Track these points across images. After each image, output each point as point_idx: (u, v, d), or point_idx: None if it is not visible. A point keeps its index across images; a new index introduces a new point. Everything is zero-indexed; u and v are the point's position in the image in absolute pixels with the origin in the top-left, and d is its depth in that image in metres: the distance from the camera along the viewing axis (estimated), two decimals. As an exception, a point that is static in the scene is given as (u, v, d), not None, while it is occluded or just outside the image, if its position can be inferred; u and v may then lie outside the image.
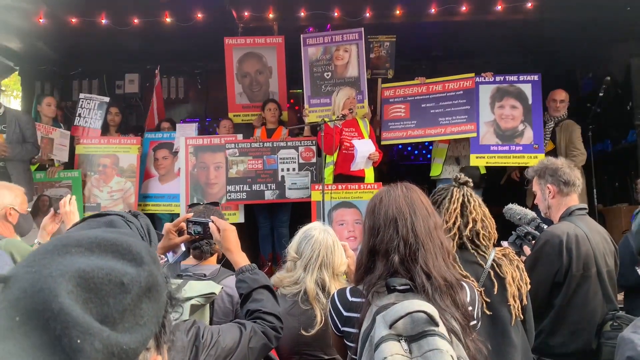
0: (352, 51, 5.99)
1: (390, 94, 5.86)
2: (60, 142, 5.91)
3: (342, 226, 5.01)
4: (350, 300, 1.63)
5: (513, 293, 1.97)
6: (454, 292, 1.51)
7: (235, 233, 1.96)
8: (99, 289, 0.62)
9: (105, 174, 5.98)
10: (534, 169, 2.84)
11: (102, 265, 0.64)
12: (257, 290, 1.80)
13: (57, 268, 0.62)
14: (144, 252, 0.70)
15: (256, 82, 6.34)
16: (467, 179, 2.15)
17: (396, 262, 1.52)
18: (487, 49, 7.11)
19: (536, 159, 5.30)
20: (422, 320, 1.29)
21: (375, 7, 6.05)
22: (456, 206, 2.06)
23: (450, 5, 5.89)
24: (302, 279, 2.26)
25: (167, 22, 6.13)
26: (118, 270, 0.65)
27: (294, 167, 5.59)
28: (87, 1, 5.53)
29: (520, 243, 2.62)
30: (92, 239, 0.68)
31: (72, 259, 0.64)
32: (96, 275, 0.63)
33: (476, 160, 5.47)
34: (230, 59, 6.25)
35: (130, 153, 6.02)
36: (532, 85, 5.53)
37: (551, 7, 5.94)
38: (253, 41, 6.30)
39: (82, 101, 6.25)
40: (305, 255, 2.28)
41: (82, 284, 0.61)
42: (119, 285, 0.64)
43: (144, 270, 0.68)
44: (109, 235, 0.70)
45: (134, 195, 5.95)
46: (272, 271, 5.66)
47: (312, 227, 2.38)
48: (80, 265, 0.63)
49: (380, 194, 1.67)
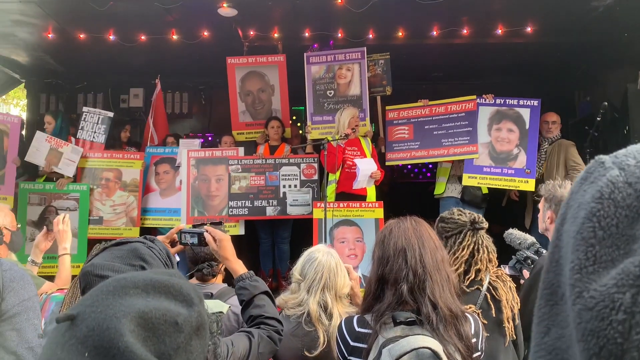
0: (354, 70, 6.09)
1: (394, 115, 5.97)
2: (70, 157, 5.95)
3: (343, 244, 5.06)
4: (357, 330, 1.66)
5: (508, 315, 2.04)
6: (459, 323, 1.56)
7: (230, 242, 2.00)
8: (157, 329, 0.69)
9: (108, 188, 6.04)
10: (545, 189, 2.86)
11: (158, 307, 0.71)
12: (258, 296, 1.85)
13: (120, 309, 0.68)
14: (193, 294, 0.76)
15: (259, 100, 6.41)
16: (484, 225, 2.16)
17: (405, 291, 1.57)
18: (487, 71, 7.24)
19: (527, 183, 5.43)
20: (426, 356, 1.35)
21: (378, 29, 6.17)
22: (465, 253, 2.09)
23: (451, 29, 6.01)
24: (305, 301, 2.28)
25: (174, 39, 6.23)
26: (172, 311, 0.71)
27: (296, 184, 5.66)
28: (96, 18, 5.62)
29: (520, 267, 2.69)
30: (147, 281, 0.75)
31: (131, 300, 0.71)
32: (154, 316, 0.69)
33: (468, 180, 5.57)
34: (232, 78, 6.33)
35: (133, 167, 6.09)
36: (530, 110, 5.64)
37: (550, 31, 6.06)
38: (255, 60, 6.36)
39: (85, 114, 6.31)
40: (309, 277, 2.31)
41: (142, 323, 0.68)
42: (173, 325, 0.70)
43: (194, 310, 0.74)
44: (162, 277, 0.77)
45: (136, 209, 6.00)
46: (273, 287, 5.70)
47: (316, 250, 2.41)
48: (140, 306, 0.70)
49: (390, 225, 1.73)
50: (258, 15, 5.88)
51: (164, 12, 5.57)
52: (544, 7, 5.49)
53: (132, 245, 1.36)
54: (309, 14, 5.83)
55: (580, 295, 0.44)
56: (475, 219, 2.16)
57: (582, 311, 0.43)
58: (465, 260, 2.09)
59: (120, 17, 5.69)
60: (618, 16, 5.49)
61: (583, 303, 0.43)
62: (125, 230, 5.96)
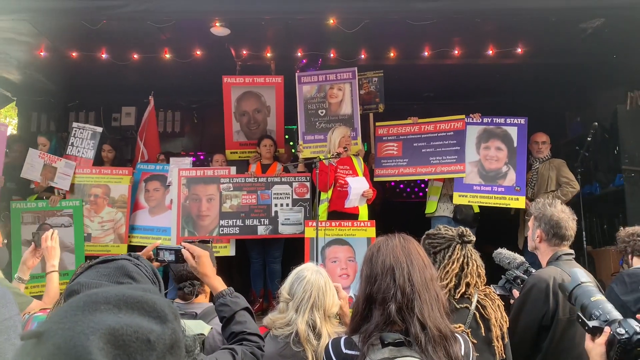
0: (345, 89, 6.12)
1: (383, 132, 6.00)
2: (64, 171, 5.91)
3: (334, 263, 5.02)
4: (344, 352, 1.61)
5: (497, 334, 2.01)
6: (448, 344, 1.52)
7: (209, 258, 1.98)
8: (128, 346, 0.65)
9: (96, 204, 5.98)
10: (535, 208, 2.85)
11: (130, 323, 0.67)
12: (239, 312, 1.84)
13: (89, 325, 0.65)
14: (167, 310, 0.73)
15: (254, 120, 6.37)
16: (471, 238, 2.15)
17: (393, 311, 1.53)
18: (478, 91, 7.29)
19: (517, 201, 5.45)
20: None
21: (370, 49, 6.22)
22: (455, 267, 2.08)
23: (443, 49, 6.07)
24: (293, 320, 2.24)
25: (166, 58, 6.25)
26: (145, 327, 0.68)
27: (288, 203, 5.63)
28: (88, 36, 5.62)
29: (510, 287, 2.67)
30: (119, 296, 0.72)
31: (101, 316, 0.68)
32: (125, 333, 0.66)
33: (458, 199, 5.58)
34: (228, 96, 6.25)
35: (121, 183, 6.03)
36: (518, 129, 5.68)
37: (540, 53, 6.13)
38: (252, 80, 6.28)
39: (75, 130, 6.26)
40: (297, 296, 2.26)
41: (112, 341, 0.65)
42: (145, 342, 0.67)
43: (168, 327, 0.71)
44: (135, 292, 0.74)
45: (124, 226, 5.94)
46: (264, 307, 5.64)
47: (305, 268, 2.37)
48: (110, 323, 0.66)
49: (378, 243, 1.70)
50: (251, 35, 5.92)
51: (157, 31, 5.59)
52: (534, 29, 5.56)
53: (119, 262, 1.33)
54: (301, 34, 5.87)
55: None
56: (463, 232, 2.15)
57: None
58: (456, 274, 2.07)
59: (113, 35, 5.71)
60: (607, 38, 5.57)
61: None
62: (113, 247, 5.90)
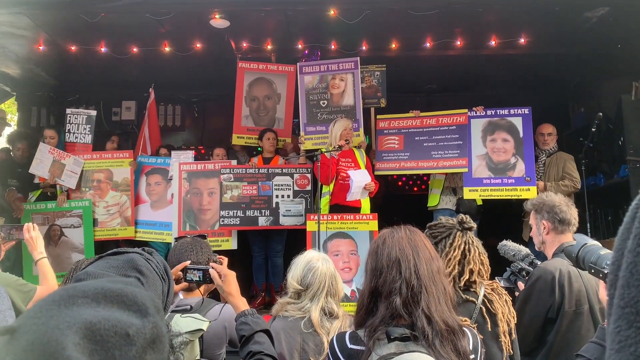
0: (347, 80, 6.07)
1: (384, 125, 5.94)
2: (72, 168, 5.89)
3: (337, 257, 4.99)
4: (349, 347, 1.58)
5: (504, 329, 1.97)
6: (456, 338, 1.49)
7: (235, 278, 2.04)
8: (105, 341, 0.62)
9: (100, 189, 5.99)
10: (532, 203, 2.84)
11: (108, 317, 0.64)
12: (259, 333, 1.87)
13: (64, 320, 0.62)
14: (149, 303, 0.70)
15: (264, 106, 6.36)
16: (472, 225, 2.13)
17: (399, 304, 1.50)
18: (481, 82, 7.23)
19: (529, 191, 5.36)
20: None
21: (371, 40, 6.16)
22: (457, 254, 2.05)
23: (445, 40, 6.00)
24: (307, 308, 2.31)
25: (166, 52, 6.20)
26: (124, 321, 0.65)
27: (289, 194, 5.61)
28: (87, 30, 5.58)
29: (515, 279, 2.63)
30: (98, 289, 0.68)
31: (78, 310, 0.64)
32: (102, 327, 0.63)
33: (469, 194, 5.51)
34: (241, 81, 6.27)
35: (123, 167, 6.03)
36: (522, 119, 5.62)
37: (544, 43, 6.06)
38: (266, 67, 6.33)
39: (69, 117, 6.26)
40: (313, 287, 2.32)
41: (88, 335, 0.61)
42: (124, 337, 0.64)
43: (149, 321, 0.68)
44: (115, 285, 0.70)
45: (129, 208, 5.94)
46: (266, 301, 5.61)
47: (313, 258, 2.41)
48: (87, 316, 0.63)
49: (384, 235, 1.67)
50: (251, 27, 5.86)
51: (156, 23, 5.55)
52: (537, 19, 5.50)
53: (129, 255, 1.29)
54: (302, 25, 5.82)
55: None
56: (463, 219, 2.13)
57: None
58: (459, 261, 2.05)
59: (112, 29, 5.67)
60: (611, 27, 5.50)
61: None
62: (121, 230, 5.92)
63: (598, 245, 1.77)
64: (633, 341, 0.43)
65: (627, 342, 0.44)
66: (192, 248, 2.36)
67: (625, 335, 0.44)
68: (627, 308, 0.44)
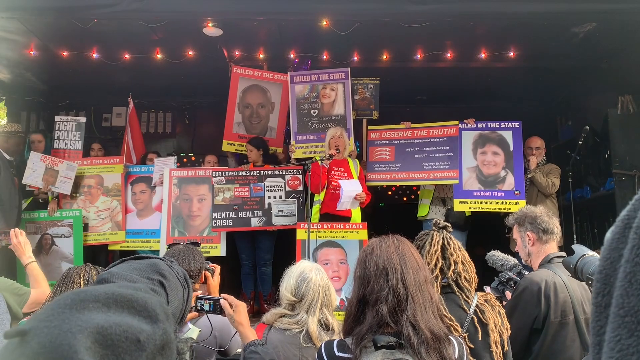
0: (338, 90, 6.11)
1: (376, 136, 5.98)
2: (66, 174, 5.83)
3: (326, 265, 4.99)
4: (337, 355, 1.61)
5: (495, 340, 1.99)
6: (442, 346, 1.51)
7: (246, 308, 2.09)
8: (116, 346, 0.63)
9: (90, 195, 5.98)
10: (514, 217, 2.89)
11: (119, 322, 0.65)
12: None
13: (76, 324, 0.62)
14: (159, 309, 0.71)
15: (257, 114, 6.35)
16: (446, 224, 2.20)
17: (385, 312, 1.52)
18: (470, 95, 7.31)
19: (517, 204, 5.41)
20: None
21: (363, 51, 6.21)
22: (437, 248, 2.09)
23: (435, 52, 6.07)
24: (304, 321, 2.27)
25: (158, 58, 6.20)
26: (134, 327, 0.66)
27: (281, 195, 5.62)
28: (79, 35, 5.57)
29: (503, 289, 2.66)
30: (109, 294, 0.69)
31: (90, 314, 0.65)
32: (114, 332, 0.63)
33: (459, 206, 5.56)
34: (235, 87, 6.26)
35: (114, 172, 6.04)
36: (513, 133, 5.69)
37: (532, 56, 6.16)
38: (261, 74, 6.32)
39: (58, 124, 6.24)
40: (307, 297, 2.30)
41: (99, 340, 0.62)
42: (135, 342, 0.64)
43: (159, 327, 0.68)
44: (126, 291, 0.71)
45: (120, 213, 5.93)
46: (255, 310, 5.60)
47: (306, 269, 2.38)
48: (99, 321, 0.64)
49: (372, 244, 1.69)
50: (243, 36, 5.89)
51: (149, 31, 5.55)
52: (526, 33, 5.58)
53: (152, 260, 1.31)
54: (294, 35, 5.86)
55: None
56: (437, 222, 2.21)
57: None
58: (441, 253, 2.09)
59: (104, 35, 5.66)
60: (598, 43, 5.60)
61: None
62: (112, 235, 5.90)
63: (597, 256, 1.79)
64: (635, 350, 0.44)
65: (629, 350, 0.45)
66: (184, 255, 2.35)
67: (627, 343, 0.45)
68: (628, 317, 0.45)
